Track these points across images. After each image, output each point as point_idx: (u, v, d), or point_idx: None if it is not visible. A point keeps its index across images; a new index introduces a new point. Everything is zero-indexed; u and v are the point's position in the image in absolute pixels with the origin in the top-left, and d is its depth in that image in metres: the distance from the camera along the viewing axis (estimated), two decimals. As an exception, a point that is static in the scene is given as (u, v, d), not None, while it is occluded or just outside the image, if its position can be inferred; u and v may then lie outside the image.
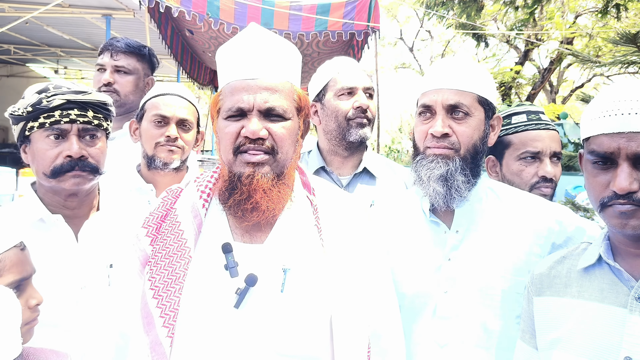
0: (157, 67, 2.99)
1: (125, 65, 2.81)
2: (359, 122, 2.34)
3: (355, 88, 2.36)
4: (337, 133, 2.37)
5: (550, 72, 14.44)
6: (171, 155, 2.31)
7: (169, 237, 1.46)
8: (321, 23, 7.25)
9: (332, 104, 2.37)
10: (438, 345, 1.63)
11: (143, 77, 2.88)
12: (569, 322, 1.38)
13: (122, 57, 2.81)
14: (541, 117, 2.14)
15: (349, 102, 2.35)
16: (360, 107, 2.33)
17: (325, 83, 2.41)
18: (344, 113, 2.34)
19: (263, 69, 1.44)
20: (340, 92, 2.37)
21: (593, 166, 1.32)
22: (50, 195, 1.82)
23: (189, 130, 2.36)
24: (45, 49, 13.75)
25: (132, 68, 2.83)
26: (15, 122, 1.79)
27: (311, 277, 1.41)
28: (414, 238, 1.75)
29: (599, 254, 1.38)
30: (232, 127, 1.43)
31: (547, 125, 2.12)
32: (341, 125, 2.35)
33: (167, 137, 2.28)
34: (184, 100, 2.37)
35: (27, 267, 1.43)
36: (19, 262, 1.40)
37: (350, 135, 2.34)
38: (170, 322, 1.36)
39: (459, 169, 1.66)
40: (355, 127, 2.34)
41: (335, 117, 2.36)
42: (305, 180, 1.58)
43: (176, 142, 2.31)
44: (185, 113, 2.34)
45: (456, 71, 1.68)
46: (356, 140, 2.35)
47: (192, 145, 2.39)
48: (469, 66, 1.71)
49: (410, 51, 22.95)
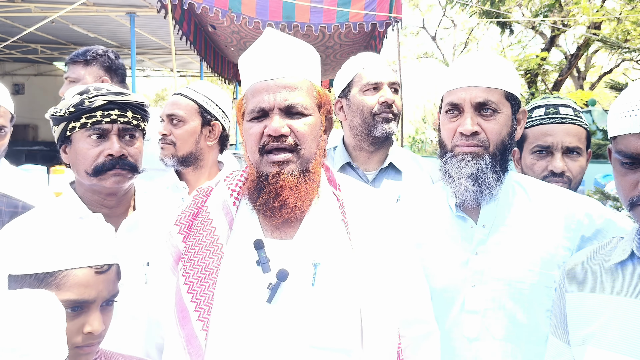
0: (116, 65, 3.09)
1: (71, 75, 2.99)
2: (384, 117, 2.35)
3: (381, 83, 2.37)
4: (362, 128, 2.38)
5: (578, 58, 14.12)
6: (163, 152, 2.40)
7: (202, 234, 1.50)
8: (342, 15, 7.22)
9: (358, 100, 2.38)
10: (467, 339, 1.64)
11: (92, 81, 2.99)
12: (602, 317, 1.37)
13: (70, 68, 3.01)
14: (560, 111, 2.11)
15: (374, 97, 2.36)
16: (386, 102, 2.34)
17: (350, 79, 2.42)
18: (370, 108, 2.35)
19: (281, 69, 1.48)
20: (365, 87, 2.37)
21: (622, 166, 1.31)
22: (89, 194, 1.87)
23: (177, 124, 2.39)
24: (71, 48, 13.99)
25: (76, 77, 2.98)
26: (57, 122, 1.84)
27: (341, 271, 1.44)
28: (441, 233, 1.76)
29: (631, 250, 1.36)
30: (256, 127, 1.47)
31: (563, 119, 2.10)
32: (367, 120, 2.36)
33: (162, 134, 2.40)
34: (180, 97, 2.43)
35: (91, 291, 1.35)
36: (85, 284, 1.33)
37: (376, 130, 2.35)
38: (205, 315, 1.40)
39: (489, 167, 1.66)
40: (380, 122, 2.35)
41: (360, 113, 2.37)
42: (331, 177, 1.61)
43: (166, 138, 2.39)
44: (173, 108, 2.39)
45: (483, 68, 1.67)
46: (382, 135, 2.36)
47: (188, 140, 2.40)
48: (496, 62, 1.70)
49: (432, 40, 22.69)
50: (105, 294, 1.39)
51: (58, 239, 1.35)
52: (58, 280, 1.31)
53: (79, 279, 1.33)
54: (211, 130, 2.44)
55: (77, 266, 1.33)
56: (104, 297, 1.39)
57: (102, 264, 1.38)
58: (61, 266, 1.32)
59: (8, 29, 10.96)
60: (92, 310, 1.36)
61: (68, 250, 1.34)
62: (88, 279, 1.34)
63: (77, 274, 1.33)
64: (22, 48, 13.83)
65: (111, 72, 3.05)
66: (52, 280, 1.30)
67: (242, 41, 8.90)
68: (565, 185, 2.01)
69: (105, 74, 3.03)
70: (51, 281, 1.30)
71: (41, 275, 1.30)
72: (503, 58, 1.76)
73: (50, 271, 1.31)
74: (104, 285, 1.38)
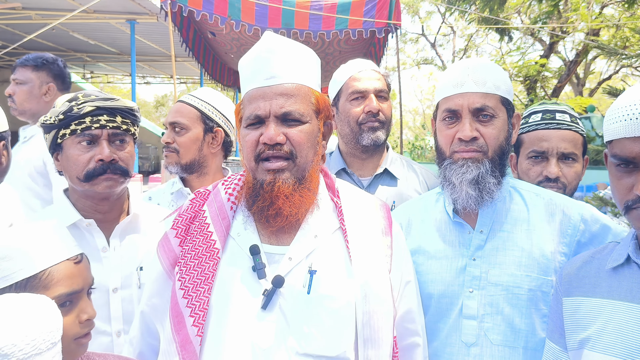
0: (64, 73, 3.22)
1: (19, 77, 3.11)
2: (370, 126, 2.35)
3: (366, 92, 2.37)
4: (351, 137, 2.39)
5: (577, 64, 14.16)
6: (167, 160, 2.43)
7: (198, 238, 1.50)
8: (342, 22, 7.26)
9: (345, 109, 2.39)
10: (465, 344, 1.64)
11: (39, 85, 3.12)
12: (599, 321, 1.37)
13: (19, 70, 3.12)
14: (556, 116, 2.12)
15: (359, 106, 2.36)
16: (371, 112, 2.34)
17: (339, 88, 2.43)
18: (356, 117, 2.36)
19: (278, 76, 1.47)
20: (351, 96, 2.38)
21: (617, 169, 1.32)
22: (82, 200, 1.87)
23: (180, 131, 2.41)
24: (71, 55, 14.04)
25: (24, 79, 3.10)
26: (47, 130, 1.85)
27: (337, 278, 1.43)
28: (439, 239, 1.76)
29: (627, 254, 1.37)
30: (252, 135, 1.46)
31: (559, 124, 2.11)
32: (354, 129, 2.37)
33: (165, 142, 2.43)
34: (182, 104, 2.45)
35: (78, 280, 1.40)
36: (70, 275, 1.38)
37: (362, 139, 2.36)
38: (200, 321, 1.40)
39: (489, 171, 1.67)
40: (367, 132, 2.35)
41: (348, 122, 2.38)
42: (330, 183, 1.60)
43: (169, 146, 2.42)
44: (175, 116, 2.42)
45: (479, 74, 1.68)
46: (369, 144, 2.36)
47: (191, 147, 2.42)
48: (490, 68, 1.72)
49: (432, 47, 22.76)
50: (89, 281, 1.44)
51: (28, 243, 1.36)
52: (43, 281, 1.33)
53: (63, 273, 1.37)
54: (214, 137, 2.46)
55: (56, 262, 1.37)
56: (89, 284, 1.44)
57: (76, 254, 1.42)
58: (42, 266, 1.34)
59: (9, 36, 11.02)
60: (82, 299, 1.41)
61: (44, 250, 1.37)
62: (71, 270, 1.39)
63: (60, 268, 1.37)
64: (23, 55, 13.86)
65: (58, 79, 3.17)
66: (36, 282, 1.32)
67: (242, 48, 8.94)
68: (560, 190, 2.01)
69: (52, 80, 3.14)
70: (36, 284, 1.32)
71: (23, 282, 1.31)
72: (496, 64, 1.77)
73: (32, 275, 1.32)
74: (86, 273, 1.44)
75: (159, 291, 1.53)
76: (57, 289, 1.33)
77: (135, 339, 1.61)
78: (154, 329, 1.57)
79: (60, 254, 1.38)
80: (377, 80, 2.40)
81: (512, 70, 12.81)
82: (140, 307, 1.60)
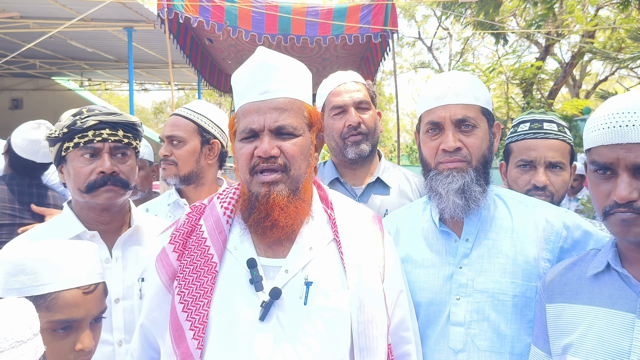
0: None
1: None
2: (353, 140, 2.40)
3: (345, 106, 2.41)
4: (337, 151, 2.45)
5: (573, 66, 14.19)
6: (165, 172, 2.46)
7: (196, 252, 1.52)
8: (338, 27, 7.31)
9: (329, 124, 2.45)
10: (453, 351, 1.67)
11: None
12: (580, 327, 1.41)
13: None
14: (543, 126, 2.17)
15: (341, 120, 2.41)
16: (351, 125, 2.38)
17: (322, 103, 2.49)
18: (339, 132, 2.41)
19: (271, 90, 1.50)
20: (332, 112, 2.44)
21: (595, 175, 1.37)
22: (85, 211, 1.93)
23: (178, 144, 2.45)
24: (69, 62, 14.07)
25: None
26: (53, 143, 1.91)
27: (332, 289, 1.47)
28: (426, 248, 1.80)
29: (607, 261, 1.41)
30: (247, 148, 1.49)
31: (546, 134, 2.15)
32: (339, 144, 2.43)
33: (163, 155, 2.46)
34: (178, 117, 2.49)
35: (80, 310, 1.39)
36: (73, 304, 1.38)
37: (348, 153, 2.41)
38: (200, 334, 1.42)
39: (474, 180, 1.71)
40: (350, 146, 2.40)
41: (332, 136, 2.44)
42: (323, 195, 1.64)
43: (167, 159, 2.45)
44: (172, 130, 2.45)
45: (458, 86, 1.73)
46: (354, 157, 2.41)
47: (189, 159, 2.45)
48: (469, 80, 1.76)
49: (429, 50, 22.83)
50: (94, 312, 1.44)
51: (46, 262, 1.38)
52: (47, 303, 1.35)
53: (67, 300, 1.38)
54: (211, 149, 2.50)
55: (65, 288, 1.38)
56: (93, 315, 1.44)
57: (89, 284, 1.43)
58: (50, 289, 1.36)
59: (7, 45, 11.05)
60: (82, 328, 1.41)
61: (56, 274, 1.37)
62: (77, 299, 1.39)
63: (66, 295, 1.38)
64: (21, 63, 13.92)
65: None
66: (42, 302, 1.34)
67: (239, 54, 8.97)
68: (547, 199, 2.05)
69: None
70: (41, 303, 1.34)
71: (31, 299, 1.32)
72: (474, 76, 1.82)
73: (40, 294, 1.34)
74: (92, 304, 1.43)
75: (158, 305, 1.56)
76: (57, 314, 1.35)
77: (135, 351, 1.63)
78: (154, 342, 1.60)
79: (71, 281, 1.39)
80: (357, 92, 2.43)
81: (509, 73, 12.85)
82: (141, 320, 1.62)
